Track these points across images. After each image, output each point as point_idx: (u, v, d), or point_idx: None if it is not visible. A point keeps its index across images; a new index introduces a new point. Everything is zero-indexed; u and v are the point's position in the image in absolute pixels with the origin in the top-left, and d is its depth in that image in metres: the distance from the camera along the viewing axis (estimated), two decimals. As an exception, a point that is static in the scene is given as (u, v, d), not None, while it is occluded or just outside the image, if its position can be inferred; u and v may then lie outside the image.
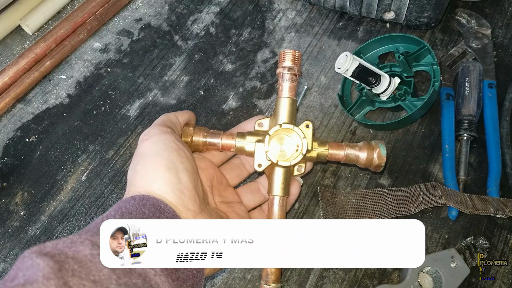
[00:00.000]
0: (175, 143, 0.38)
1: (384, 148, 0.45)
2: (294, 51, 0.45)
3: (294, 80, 0.45)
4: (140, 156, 0.38)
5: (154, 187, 0.35)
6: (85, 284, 0.27)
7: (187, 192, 0.37)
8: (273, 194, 0.44)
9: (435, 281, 0.48)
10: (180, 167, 0.37)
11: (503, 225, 0.52)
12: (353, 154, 0.46)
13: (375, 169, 0.46)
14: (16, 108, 0.60)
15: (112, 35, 0.66)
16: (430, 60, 0.56)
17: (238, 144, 0.45)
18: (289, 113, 0.45)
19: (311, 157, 0.45)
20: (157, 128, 0.40)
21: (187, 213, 0.36)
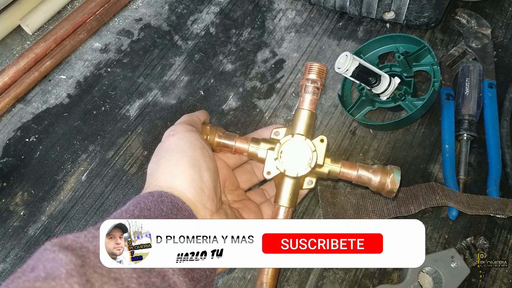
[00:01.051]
0: (200, 142, 0.39)
1: (398, 174, 0.44)
2: (321, 65, 0.44)
3: (316, 94, 0.44)
4: (165, 151, 0.38)
5: (175, 182, 0.36)
6: (107, 282, 0.27)
7: (207, 191, 0.37)
8: (279, 204, 0.44)
9: (435, 281, 0.48)
10: (203, 165, 0.37)
11: (503, 225, 0.52)
12: (365, 176, 0.44)
13: (387, 195, 0.44)
14: (16, 108, 0.60)
15: (112, 35, 0.66)
16: (430, 60, 0.56)
17: (251, 149, 0.45)
18: (306, 126, 0.44)
19: (322, 173, 0.44)
20: (183, 125, 0.40)
21: (204, 212, 0.37)
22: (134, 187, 0.55)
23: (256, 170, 0.50)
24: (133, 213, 0.33)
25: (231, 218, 0.41)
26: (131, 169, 0.56)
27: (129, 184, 0.55)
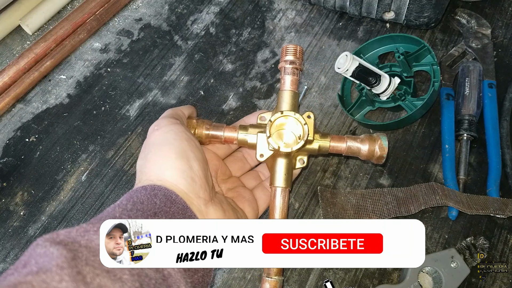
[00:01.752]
0: (185, 133, 0.39)
1: (385, 140, 0.45)
2: (296, 46, 0.46)
3: (296, 74, 0.46)
4: (152, 145, 0.38)
5: (166, 174, 0.36)
6: (99, 274, 0.27)
7: (198, 180, 0.37)
8: (275, 185, 0.44)
9: (435, 281, 0.48)
10: (191, 155, 0.37)
11: (503, 225, 0.52)
12: (354, 146, 0.46)
13: (377, 161, 0.46)
14: (16, 108, 0.60)
15: (112, 35, 0.66)
16: (430, 60, 0.56)
17: (241, 136, 0.46)
18: (290, 106, 0.45)
19: (313, 149, 0.45)
20: (167, 119, 0.40)
21: (198, 201, 0.37)
22: (134, 187, 0.55)
23: (247, 157, 0.51)
24: (126, 207, 0.33)
25: (226, 206, 0.41)
26: (131, 169, 0.56)
27: (129, 184, 0.55)
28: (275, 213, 0.44)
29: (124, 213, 0.32)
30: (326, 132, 0.47)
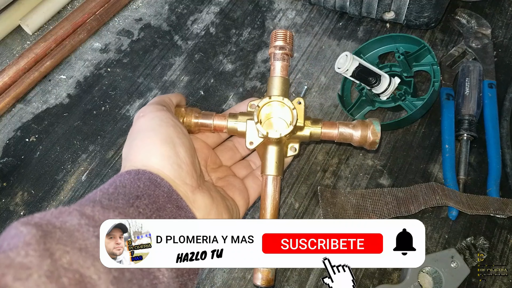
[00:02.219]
0: (171, 119, 0.38)
1: (378, 125, 0.44)
2: (285, 31, 0.45)
3: (286, 60, 0.45)
4: (137, 132, 0.38)
5: (152, 160, 0.35)
6: (69, 251, 0.26)
7: (185, 166, 0.36)
8: (267, 173, 0.43)
9: (435, 281, 0.48)
10: (178, 141, 0.37)
11: (503, 225, 0.52)
12: (347, 132, 0.44)
13: (370, 147, 0.45)
14: (16, 108, 0.60)
15: (112, 35, 0.66)
16: (430, 60, 0.56)
17: (230, 124, 0.45)
18: (281, 91, 0.44)
19: (304, 136, 0.44)
20: (152, 106, 0.40)
21: (184, 188, 0.36)
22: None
23: (238, 146, 0.50)
24: (107, 191, 0.32)
25: (215, 194, 0.40)
26: (131, 169, 0.56)
27: (129, 184, 0.55)
28: (266, 201, 0.43)
29: (105, 196, 0.32)
30: (318, 118, 0.46)
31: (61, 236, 0.27)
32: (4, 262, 0.24)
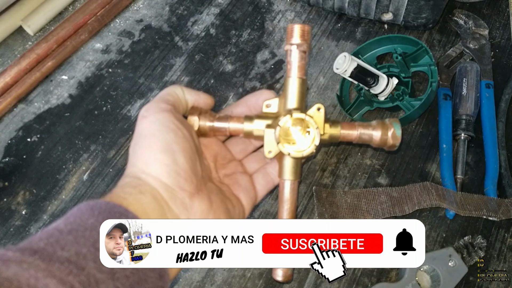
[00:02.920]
0: (172, 123, 0.37)
1: (399, 128, 0.42)
2: (303, 26, 0.42)
3: (304, 58, 0.42)
4: (139, 136, 0.38)
5: (150, 168, 0.36)
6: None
7: (183, 173, 0.36)
8: (284, 178, 0.42)
9: (433, 280, 0.48)
10: (176, 148, 0.36)
11: (501, 224, 0.53)
12: (366, 134, 0.43)
13: (389, 149, 0.44)
14: (18, 108, 0.61)
15: (113, 36, 0.67)
16: (428, 60, 0.56)
17: (247, 128, 0.43)
18: (298, 96, 0.42)
19: (323, 140, 0.43)
20: (157, 105, 0.39)
21: (182, 194, 0.36)
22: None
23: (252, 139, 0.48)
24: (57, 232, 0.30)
25: (215, 197, 0.39)
26: (132, 168, 0.57)
27: (130, 184, 0.56)
28: (284, 205, 0.42)
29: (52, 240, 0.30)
30: (336, 120, 0.44)
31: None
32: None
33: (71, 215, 0.31)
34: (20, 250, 0.27)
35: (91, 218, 0.31)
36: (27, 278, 0.26)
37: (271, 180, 0.46)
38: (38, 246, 0.28)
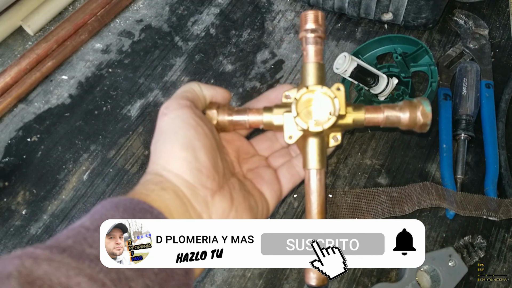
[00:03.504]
0: (193, 119, 0.37)
1: (428, 104, 0.39)
2: (316, 11, 0.41)
3: (319, 43, 0.41)
4: (160, 133, 0.38)
5: (172, 166, 0.36)
6: None
7: (205, 170, 0.36)
8: (309, 167, 0.40)
9: (433, 280, 0.48)
10: (198, 145, 0.36)
11: (501, 224, 0.53)
12: (393, 116, 0.40)
13: (420, 130, 0.40)
14: (18, 108, 0.61)
15: (113, 36, 0.67)
16: (428, 60, 0.56)
17: (266, 118, 0.41)
18: (316, 78, 0.40)
19: (347, 124, 0.41)
20: (177, 102, 0.39)
21: (204, 191, 0.36)
22: (135, 186, 0.56)
23: (278, 136, 0.47)
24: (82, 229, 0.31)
25: (236, 194, 0.39)
26: (132, 168, 0.57)
27: (130, 184, 0.56)
28: (311, 197, 0.40)
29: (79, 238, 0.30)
30: (360, 104, 0.42)
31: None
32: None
33: (96, 213, 0.32)
34: (48, 248, 0.27)
35: (117, 215, 0.31)
36: (59, 276, 0.25)
37: (297, 173, 0.45)
38: (66, 244, 0.28)
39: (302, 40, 0.41)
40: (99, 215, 0.31)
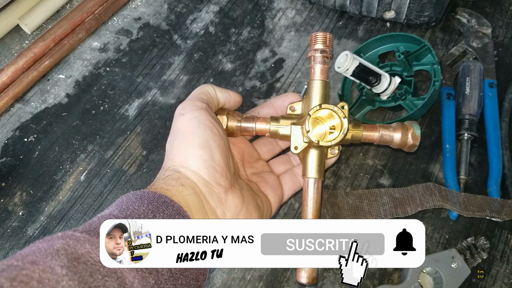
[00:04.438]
0: (209, 121, 0.40)
1: (418, 128, 0.45)
2: (325, 33, 0.45)
3: (326, 63, 0.45)
4: (177, 132, 0.40)
5: (189, 163, 0.38)
6: None
7: (219, 169, 0.39)
8: (308, 176, 0.44)
9: (435, 282, 0.48)
10: (213, 145, 0.39)
11: (504, 225, 0.52)
12: (387, 135, 0.46)
13: (409, 150, 0.46)
14: (14, 108, 0.60)
15: (111, 34, 0.66)
16: (431, 59, 0.56)
17: (273, 128, 0.46)
18: (322, 96, 0.45)
19: (346, 139, 0.45)
20: (193, 103, 0.41)
21: (218, 189, 0.39)
22: (133, 187, 0.55)
23: (278, 140, 0.51)
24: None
25: (246, 193, 0.41)
26: (130, 168, 0.56)
27: (128, 184, 0.55)
28: (308, 204, 0.44)
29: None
30: (358, 121, 0.47)
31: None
32: None
33: (122, 203, 0.34)
34: (87, 232, 0.30)
35: (142, 206, 0.34)
36: (99, 255, 0.29)
37: (298, 181, 0.48)
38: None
39: (310, 59, 0.46)
40: (126, 205, 0.34)
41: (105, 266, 0.29)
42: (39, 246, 0.28)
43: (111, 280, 0.28)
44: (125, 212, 0.33)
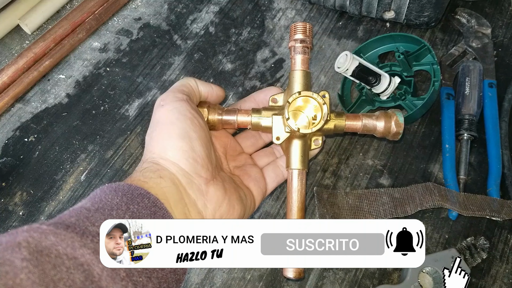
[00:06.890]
0: (189, 112, 0.39)
1: (401, 116, 0.44)
2: (305, 23, 0.45)
3: (307, 53, 0.45)
4: (156, 123, 0.39)
5: (168, 154, 0.37)
6: None
7: (200, 160, 0.38)
8: (292, 168, 0.43)
9: (435, 282, 0.48)
10: (194, 136, 0.38)
11: (504, 225, 0.52)
12: (370, 124, 0.45)
13: (393, 138, 0.45)
14: (15, 108, 0.60)
15: (111, 34, 0.66)
16: (430, 59, 0.56)
17: (254, 120, 0.45)
18: (303, 86, 0.44)
19: (329, 129, 0.45)
20: (173, 95, 0.40)
21: (199, 180, 0.38)
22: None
23: (261, 133, 0.50)
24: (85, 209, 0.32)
25: (228, 185, 0.41)
26: (130, 168, 0.56)
27: (129, 184, 0.55)
28: (292, 196, 0.43)
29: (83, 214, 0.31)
30: (340, 111, 0.46)
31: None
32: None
33: (95, 196, 0.33)
34: (53, 224, 0.29)
35: (116, 198, 0.33)
36: (65, 247, 0.28)
37: (281, 173, 0.47)
38: (70, 221, 0.30)
39: (290, 49, 0.46)
40: (99, 197, 0.33)
41: (70, 258, 0.27)
42: (1, 239, 0.27)
43: (77, 272, 0.27)
44: (98, 204, 0.32)
